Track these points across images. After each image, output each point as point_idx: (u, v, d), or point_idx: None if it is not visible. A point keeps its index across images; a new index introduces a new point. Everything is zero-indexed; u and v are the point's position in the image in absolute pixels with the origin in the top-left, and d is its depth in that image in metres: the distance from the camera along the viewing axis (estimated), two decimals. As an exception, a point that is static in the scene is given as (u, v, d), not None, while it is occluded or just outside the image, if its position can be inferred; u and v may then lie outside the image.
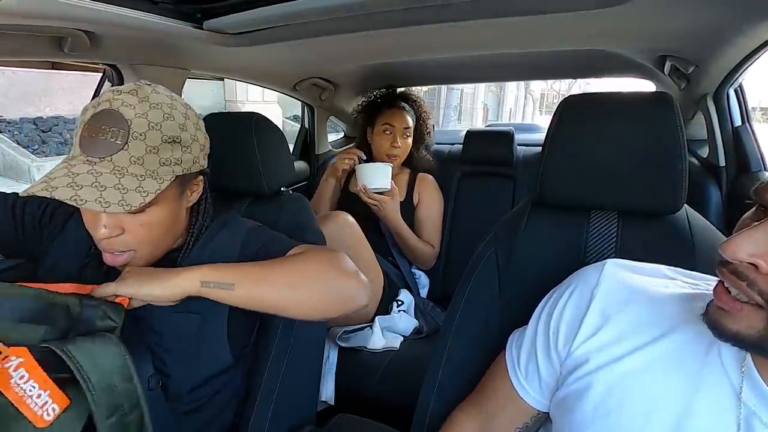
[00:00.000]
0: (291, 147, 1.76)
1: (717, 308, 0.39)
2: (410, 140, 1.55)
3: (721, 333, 0.39)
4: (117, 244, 0.60)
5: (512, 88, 18.55)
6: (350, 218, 1.25)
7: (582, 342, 0.49)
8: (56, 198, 0.51)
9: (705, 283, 0.49)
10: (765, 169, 1.19)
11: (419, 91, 1.71)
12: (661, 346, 0.45)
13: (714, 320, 0.39)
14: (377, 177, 1.36)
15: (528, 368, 0.55)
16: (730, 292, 0.38)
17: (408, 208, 1.55)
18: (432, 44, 1.16)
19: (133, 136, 0.56)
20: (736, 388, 0.41)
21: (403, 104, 1.55)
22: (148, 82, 0.62)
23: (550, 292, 0.56)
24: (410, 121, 1.53)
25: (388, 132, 1.51)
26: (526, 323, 0.58)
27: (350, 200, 1.52)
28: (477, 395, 0.63)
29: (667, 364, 0.44)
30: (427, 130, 1.65)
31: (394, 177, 1.58)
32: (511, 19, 0.88)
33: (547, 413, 0.56)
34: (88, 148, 0.56)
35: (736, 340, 0.38)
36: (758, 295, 0.35)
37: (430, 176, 1.60)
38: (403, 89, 1.64)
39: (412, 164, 1.60)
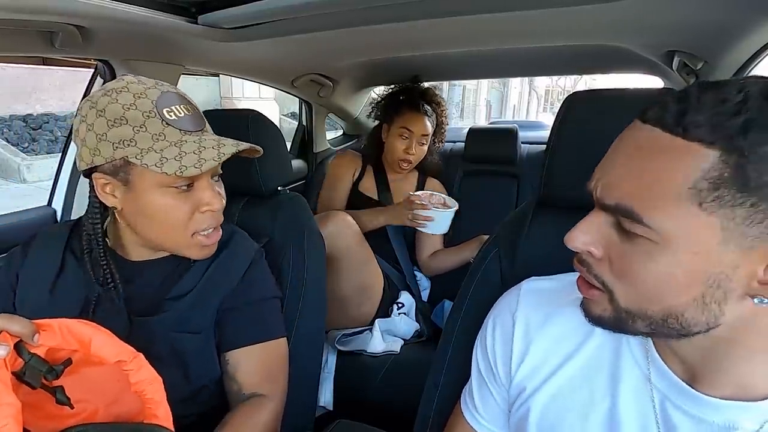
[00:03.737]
0: (288, 145, 1.76)
1: (583, 298, 0.44)
2: (425, 147, 1.50)
3: (590, 320, 0.43)
4: (221, 215, 0.68)
5: (516, 84, 18.54)
6: (349, 218, 1.24)
7: (516, 369, 0.52)
8: (224, 157, 0.61)
9: None
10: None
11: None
12: (582, 355, 0.48)
13: (583, 309, 0.44)
14: (443, 224, 1.34)
15: (485, 403, 0.57)
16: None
17: None
18: (437, 39, 1.16)
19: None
20: (646, 374, 0.44)
21: (426, 107, 1.49)
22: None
23: (484, 321, 0.58)
24: (430, 128, 1.48)
25: (404, 136, 1.45)
26: None
27: (359, 200, 1.51)
28: None
29: (590, 369, 0.48)
30: (443, 136, 1.60)
31: (400, 181, 1.57)
32: (516, 14, 0.88)
33: None
34: (193, 124, 0.63)
35: (602, 324, 0.42)
36: (596, 279, 0.40)
37: (437, 181, 1.59)
38: (427, 88, 1.56)
39: (421, 167, 1.57)
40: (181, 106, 0.62)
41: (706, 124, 0.33)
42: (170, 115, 0.60)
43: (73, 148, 1.15)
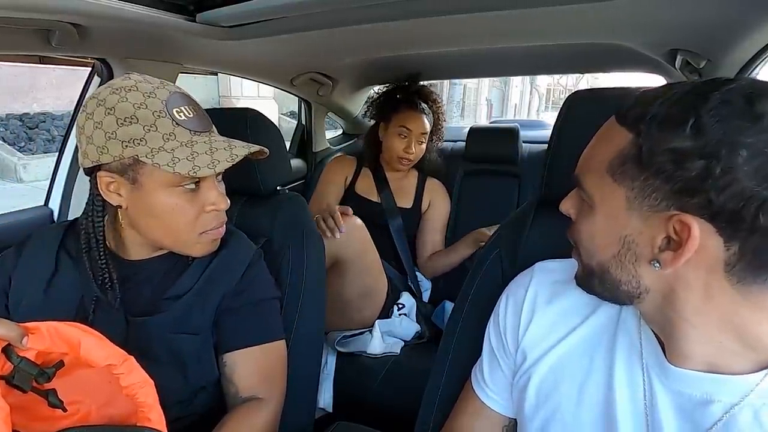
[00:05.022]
0: (287, 144, 1.77)
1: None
2: (424, 146, 1.50)
3: (575, 280, 0.51)
4: (224, 215, 0.69)
5: (517, 83, 18.53)
6: (359, 221, 1.24)
7: (523, 335, 0.56)
8: (236, 159, 0.62)
9: None
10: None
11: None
12: (584, 329, 0.52)
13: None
14: None
15: (493, 376, 0.60)
16: None
17: (415, 216, 1.53)
18: (438, 37, 1.16)
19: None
20: (638, 347, 0.48)
21: (423, 106, 1.49)
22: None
23: (498, 300, 0.62)
24: (428, 126, 1.48)
25: (403, 135, 1.46)
26: None
27: (357, 203, 1.50)
28: (448, 423, 0.65)
29: (591, 341, 0.52)
30: (442, 134, 1.60)
31: (399, 180, 1.56)
32: (517, 12, 0.88)
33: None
34: (201, 124, 0.64)
35: (579, 284, 0.50)
36: (571, 239, 0.50)
37: (438, 181, 1.59)
38: (423, 86, 1.57)
39: (419, 166, 1.57)
40: (189, 107, 0.63)
41: (634, 114, 0.40)
42: (180, 116, 0.61)
43: (70, 148, 1.15)
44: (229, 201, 0.68)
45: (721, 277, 0.38)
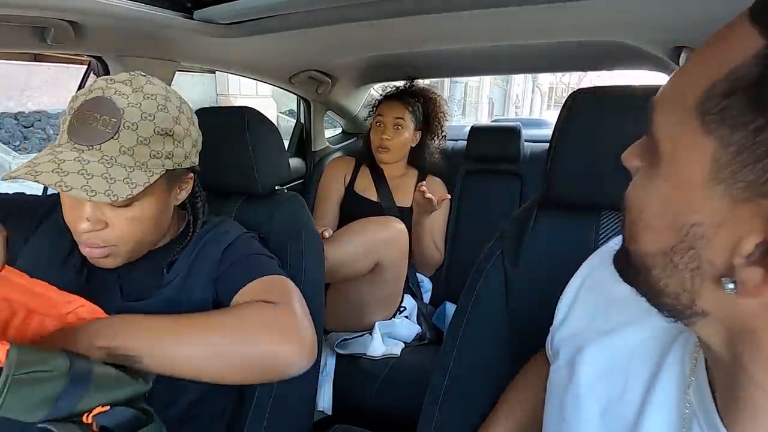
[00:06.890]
0: (286, 143, 1.76)
1: None
2: (407, 133, 1.50)
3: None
4: (98, 238, 0.61)
5: (519, 81, 18.55)
6: (404, 227, 1.27)
7: (559, 326, 0.49)
8: (40, 182, 0.52)
9: None
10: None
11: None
12: (633, 331, 0.41)
13: None
14: None
15: None
16: None
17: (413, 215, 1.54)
18: (438, 35, 1.16)
19: (125, 125, 0.57)
20: (686, 382, 0.36)
21: (404, 97, 1.52)
22: (143, 73, 0.63)
23: None
24: (406, 113, 1.50)
25: (378, 124, 1.50)
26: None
27: (356, 202, 1.51)
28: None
29: (636, 352, 0.40)
30: (441, 131, 1.60)
31: (399, 178, 1.57)
32: (519, 9, 0.88)
33: None
34: (76, 136, 0.57)
35: (620, 274, 0.35)
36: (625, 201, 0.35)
37: (438, 179, 1.59)
38: (419, 86, 1.60)
39: (420, 165, 1.58)
40: (83, 115, 0.57)
41: None
42: (72, 123, 0.57)
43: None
44: (88, 225, 0.59)
45: None
